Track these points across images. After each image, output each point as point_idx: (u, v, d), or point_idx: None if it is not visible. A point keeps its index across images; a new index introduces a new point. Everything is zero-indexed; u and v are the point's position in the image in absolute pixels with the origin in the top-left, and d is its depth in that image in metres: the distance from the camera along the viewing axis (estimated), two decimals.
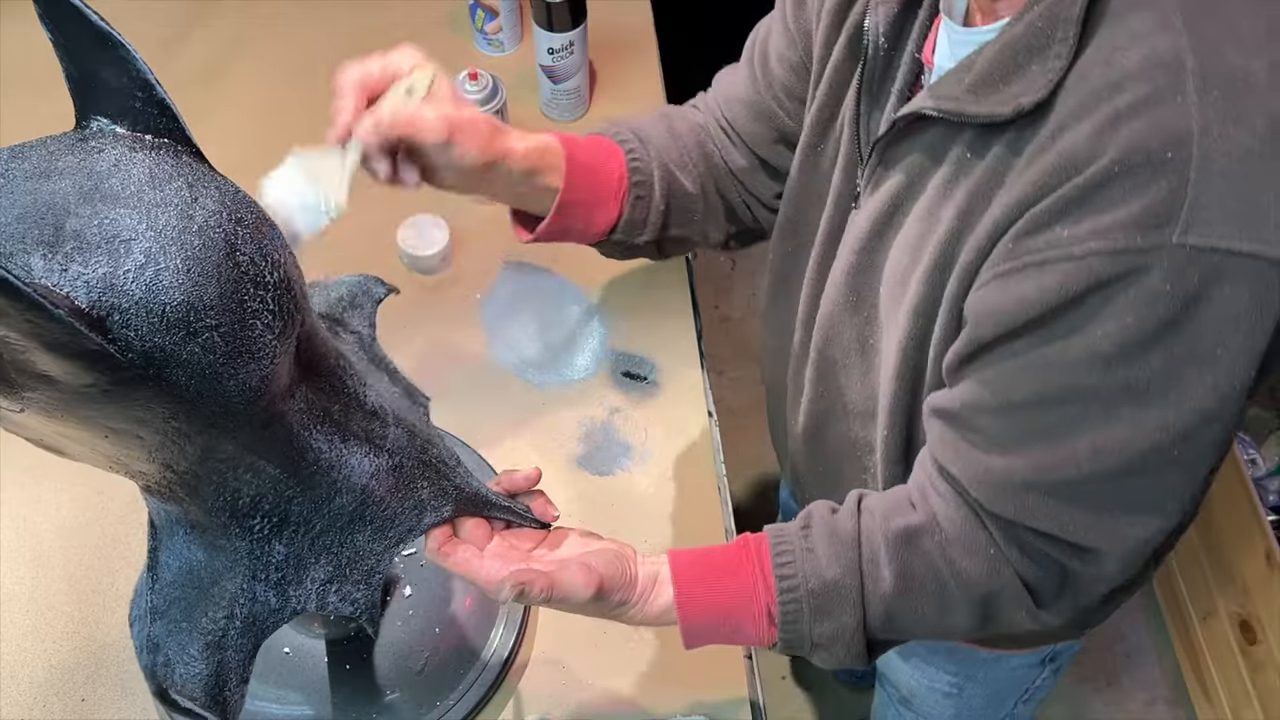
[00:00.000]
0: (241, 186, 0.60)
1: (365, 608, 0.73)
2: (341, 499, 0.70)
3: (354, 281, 0.83)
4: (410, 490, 0.73)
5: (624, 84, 1.38)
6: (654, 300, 1.19)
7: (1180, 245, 0.55)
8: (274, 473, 0.65)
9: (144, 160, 0.55)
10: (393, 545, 0.73)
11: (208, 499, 0.65)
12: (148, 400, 0.54)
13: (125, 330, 0.51)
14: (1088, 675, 1.87)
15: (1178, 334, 0.57)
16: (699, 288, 1.23)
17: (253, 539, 0.68)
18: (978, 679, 1.04)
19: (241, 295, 0.55)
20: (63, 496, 1.03)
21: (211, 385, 0.55)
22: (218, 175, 0.59)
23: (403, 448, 0.73)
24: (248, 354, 0.56)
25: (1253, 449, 1.72)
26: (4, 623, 0.95)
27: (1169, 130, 0.55)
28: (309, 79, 1.39)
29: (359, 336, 0.80)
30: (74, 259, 0.50)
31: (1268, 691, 1.61)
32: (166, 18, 1.44)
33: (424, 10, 1.46)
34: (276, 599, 0.70)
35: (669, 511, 1.04)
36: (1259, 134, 0.55)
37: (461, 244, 1.22)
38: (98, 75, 0.57)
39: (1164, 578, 1.91)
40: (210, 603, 0.69)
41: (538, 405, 1.10)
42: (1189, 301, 0.56)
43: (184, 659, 0.68)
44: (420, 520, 0.74)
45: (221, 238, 0.54)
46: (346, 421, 0.69)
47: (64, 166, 0.53)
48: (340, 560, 0.72)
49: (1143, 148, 0.55)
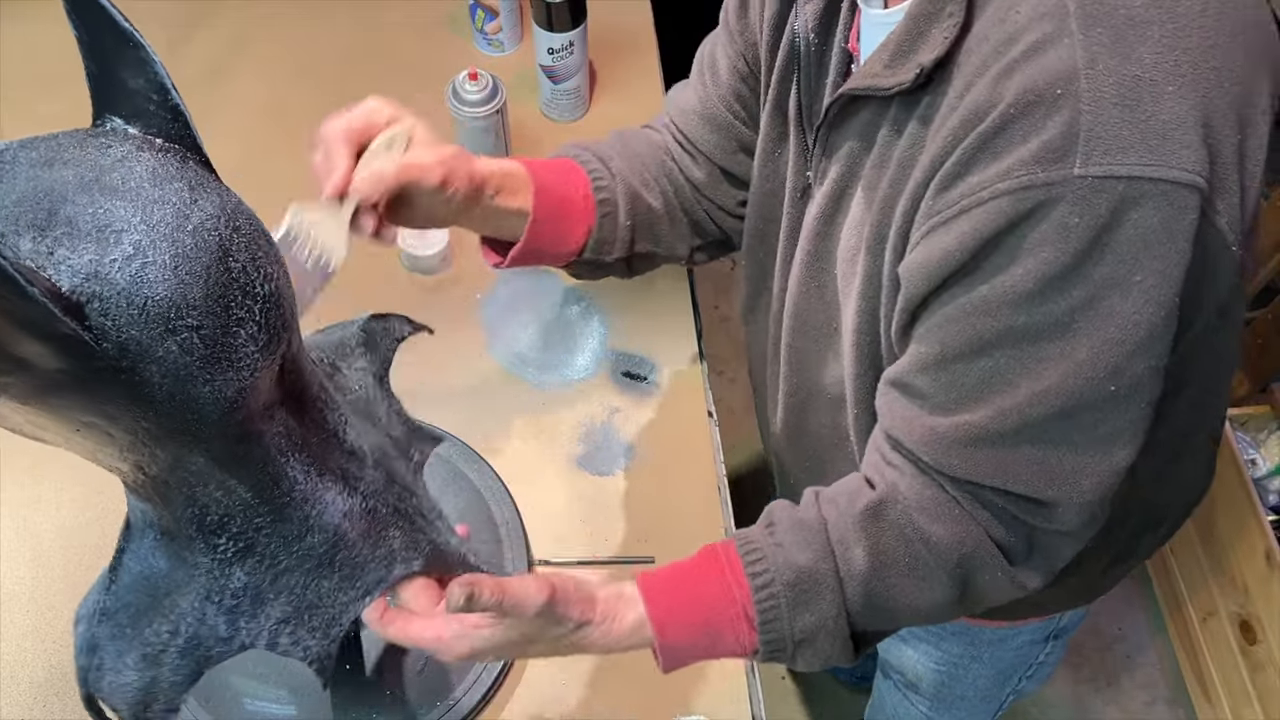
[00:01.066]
0: (243, 187, 0.60)
1: (317, 657, 0.70)
2: (313, 537, 0.67)
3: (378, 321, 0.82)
4: (382, 537, 0.71)
5: (624, 84, 1.38)
6: (654, 300, 1.19)
7: (1082, 176, 0.57)
8: (245, 495, 0.64)
9: (149, 159, 0.55)
10: (359, 597, 0.71)
11: (177, 508, 0.64)
12: (119, 395, 0.53)
13: (103, 319, 0.50)
14: (1088, 675, 1.87)
15: (1093, 263, 0.58)
16: (699, 288, 1.23)
17: (215, 558, 0.66)
18: (983, 658, 1.04)
19: (228, 301, 0.54)
20: (63, 496, 1.03)
21: (185, 387, 0.54)
22: (221, 184, 0.59)
23: (378, 491, 0.71)
24: (226, 361, 0.55)
25: (1253, 449, 1.72)
26: (4, 623, 0.95)
27: (1057, 69, 0.57)
28: (310, 79, 1.40)
29: (363, 374, 0.79)
30: (62, 243, 0.50)
31: (1268, 691, 1.61)
32: (168, 18, 1.44)
33: (424, 10, 1.47)
34: (226, 627, 0.68)
35: (669, 511, 1.04)
36: (1146, 63, 0.57)
37: (461, 244, 1.22)
38: (117, 75, 0.57)
39: (1164, 578, 1.91)
40: (159, 614, 0.67)
41: (538, 405, 1.11)
42: (1100, 230, 0.57)
43: (118, 666, 0.67)
44: (390, 572, 0.71)
45: (215, 241, 0.54)
46: (324, 456, 0.68)
47: (70, 158, 0.53)
48: (301, 603, 0.69)
49: (1033, 89, 0.57)
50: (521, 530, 1.00)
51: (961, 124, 0.61)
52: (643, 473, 1.07)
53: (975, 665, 1.06)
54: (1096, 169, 0.56)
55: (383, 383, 0.80)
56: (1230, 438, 1.70)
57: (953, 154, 0.61)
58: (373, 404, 0.78)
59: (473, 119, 1.21)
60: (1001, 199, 0.59)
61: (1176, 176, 0.56)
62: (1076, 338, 0.61)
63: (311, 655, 0.70)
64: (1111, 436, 0.65)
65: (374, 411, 0.78)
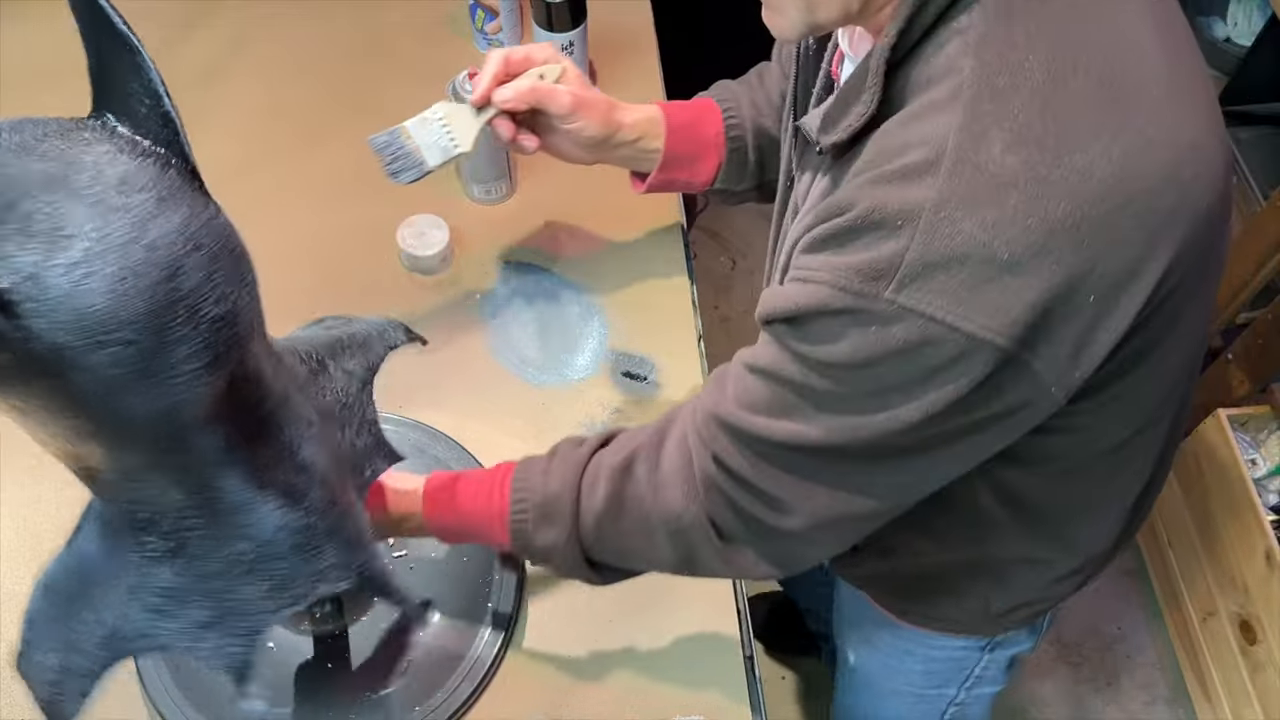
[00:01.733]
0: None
1: (238, 664, 0.71)
2: (244, 544, 0.67)
3: (376, 324, 0.83)
4: (316, 554, 0.71)
5: (624, 84, 1.37)
6: (654, 300, 1.19)
7: (889, 300, 0.60)
8: (177, 497, 0.63)
9: (125, 164, 0.54)
10: (284, 607, 0.71)
11: (109, 499, 0.64)
12: (48, 392, 0.53)
13: (37, 319, 0.50)
14: (1088, 675, 1.87)
15: (879, 368, 0.63)
16: (699, 288, 1.23)
17: (143, 555, 0.66)
18: (915, 654, 1.07)
19: (169, 320, 0.53)
20: (63, 496, 1.03)
21: (115, 396, 0.54)
22: (200, 196, 0.58)
23: (319, 510, 0.71)
24: (162, 376, 0.54)
25: (1253, 449, 1.72)
26: (4, 623, 0.95)
27: (909, 201, 0.59)
28: (309, 79, 1.40)
29: (349, 376, 0.79)
30: (10, 239, 0.50)
31: (1268, 691, 1.61)
32: (166, 18, 1.44)
33: (424, 10, 1.47)
34: (146, 624, 0.68)
35: None
36: (988, 224, 0.58)
37: (461, 244, 1.22)
38: (113, 74, 0.57)
39: (1164, 578, 1.92)
40: (86, 602, 0.67)
41: (538, 405, 1.10)
42: (892, 350, 0.61)
43: (42, 646, 0.67)
44: (315, 588, 0.72)
45: (167, 258, 0.53)
46: (269, 468, 0.67)
47: (48, 149, 0.53)
48: (223, 609, 0.69)
49: (883, 209, 0.60)
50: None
51: (832, 205, 0.65)
52: None
53: (908, 660, 1.08)
54: (905, 299, 0.59)
55: (365, 388, 0.80)
56: (1230, 438, 1.70)
57: (817, 228, 0.65)
58: (349, 408, 0.78)
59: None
60: (827, 288, 0.63)
61: (976, 333, 0.59)
62: (837, 413, 0.67)
63: (232, 661, 0.71)
64: (855, 490, 0.72)
65: (349, 417, 0.78)
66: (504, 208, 1.27)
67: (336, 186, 1.27)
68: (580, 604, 0.98)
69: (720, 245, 2.33)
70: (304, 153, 1.31)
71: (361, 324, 0.82)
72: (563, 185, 1.25)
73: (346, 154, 1.31)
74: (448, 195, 1.26)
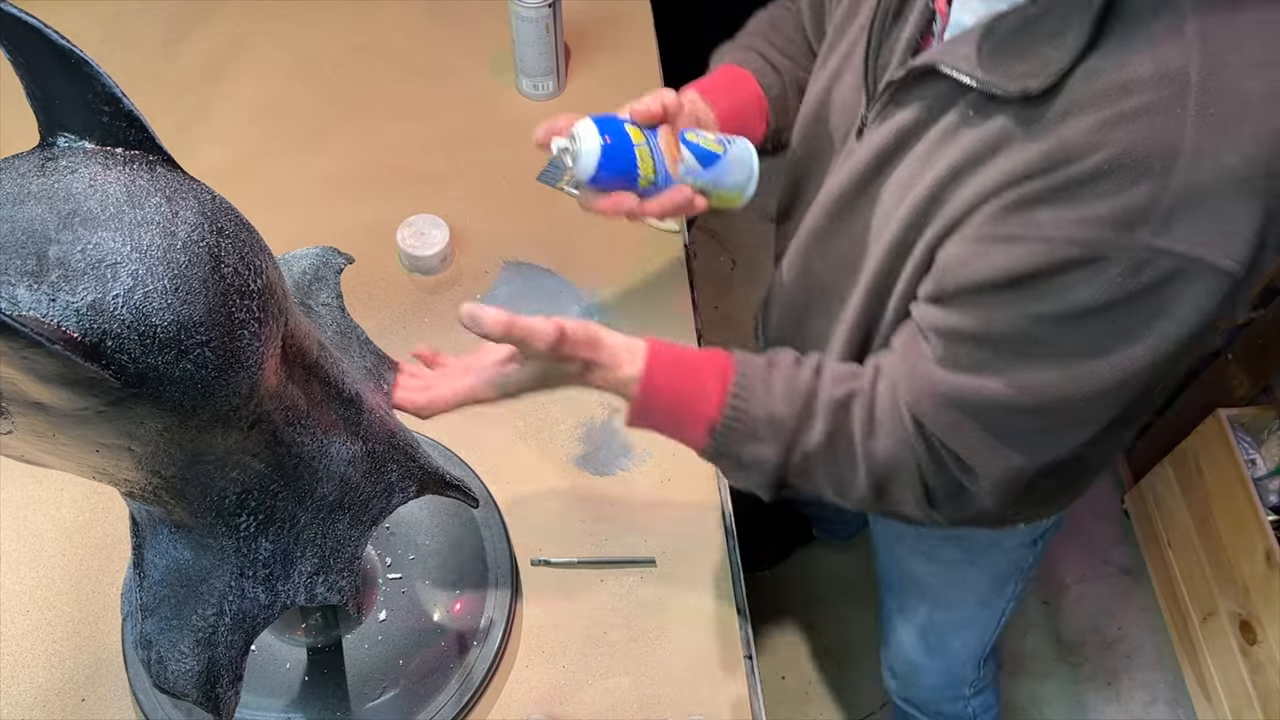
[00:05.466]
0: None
1: (350, 594, 0.75)
2: (324, 488, 0.70)
3: (314, 254, 0.83)
4: (382, 473, 0.75)
5: (624, 83, 1.38)
6: (654, 300, 1.19)
7: (1145, 245, 0.60)
8: (260, 469, 0.65)
9: (119, 177, 0.54)
10: (367, 529, 0.75)
11: (194, 500, 0.65)
12: (141, 417, 0.54)
13: (119, 354, 0.51)
14: (1088, 675, 1.87)
15: (1118, 314, 0.63)
16: (699, 288, 1.23)
17: (239, 537, 0.68)
18: (979, 563, 1.10)
19: (229, 307, 0.55)
20: (63, 496, 1.03)
21: (205, 397, 0.55)
22: (194, 183, 0.58)
23: (375, 433, 0.74)
24: (238, 364, 0.56)
25: (1253, 449, 1.72)
26: (4, 623, 0.95)
27: (1163, 141, 0.58)
28: (309, 79, 1.40)
29: (329, 308, 0.80)
30: (61, 288, 0.50)
31: (1268, 691, 1.61)
32: (166, 18, 1.44)
33: (423, 11, 1.47)
34: (266, 595, 0.70)
35: (669, 511, 1.04)
36: (1244, 154, 0.58)
37: (461, 244, 1.22)
38: (62, 92, 0.56)
39: (1164, 578, 1.91)
40: (199, 600, 0.69)
41: (538, 405, 1.10)
42: (1138, 292, 0.61)
43: (175, 655, 0.68)
44: (389, 501, 0.76)
45: (206, 251, 0.54)
46: (328, 411, 0.70)
47: (37, 190, 0.52)
48: (324, 551, 0.73)
49: (1134, 152, 0.59)
50: (503, 530, 1.00)
51: (1052, 155, 0.62)
52: (643, 473, 1.07)
53: (972, 570, 1.11)
54: (1160, 241, 0.59)
55: (344, 313, 0.81)
56: (1230, 438, 1.70)
57: (1034, 179, 0.63)
58: (345, 335, 0.80)
59: (524, 10, 1.25)
60: (1068, 244, 0.62)
61: (1219, 262, 0.60)
62: (1072, 362, 0.66)
63: (346, 594, 0.74)
64: (1050, 443, 0.73)
65: (350, 343, 0.80)
66: (501, 209, 1.27)
67: (336, 186, 1.27)
68: (580, 604, 0.98)
69: (720, 245, 2.33)
70: (304, 153, 1.31)
71: (298, 260, 0.82)
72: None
73: (346, 154, 1.31)
74: (447, 195, 1.27)
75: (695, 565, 1.01)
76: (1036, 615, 1.94)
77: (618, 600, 0.98)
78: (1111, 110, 0.60)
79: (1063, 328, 0.65)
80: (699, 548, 1.02)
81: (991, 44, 0.66)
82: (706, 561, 1.01)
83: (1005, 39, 0.65)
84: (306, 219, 1.24)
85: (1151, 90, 0.59)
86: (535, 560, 1.00)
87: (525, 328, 0.74)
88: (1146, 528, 1.98)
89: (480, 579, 0.97)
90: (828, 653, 1.86)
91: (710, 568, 1.01)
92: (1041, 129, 0.63)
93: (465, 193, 1.27)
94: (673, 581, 1.00)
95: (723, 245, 2.33)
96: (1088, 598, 1.96)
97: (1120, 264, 0.61)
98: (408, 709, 0.90)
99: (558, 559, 1.01)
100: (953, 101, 0.71)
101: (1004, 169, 0.65)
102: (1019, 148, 0.65)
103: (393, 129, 1.34)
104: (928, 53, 0.72)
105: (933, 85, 0.72)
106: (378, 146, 1.32)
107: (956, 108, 0.70)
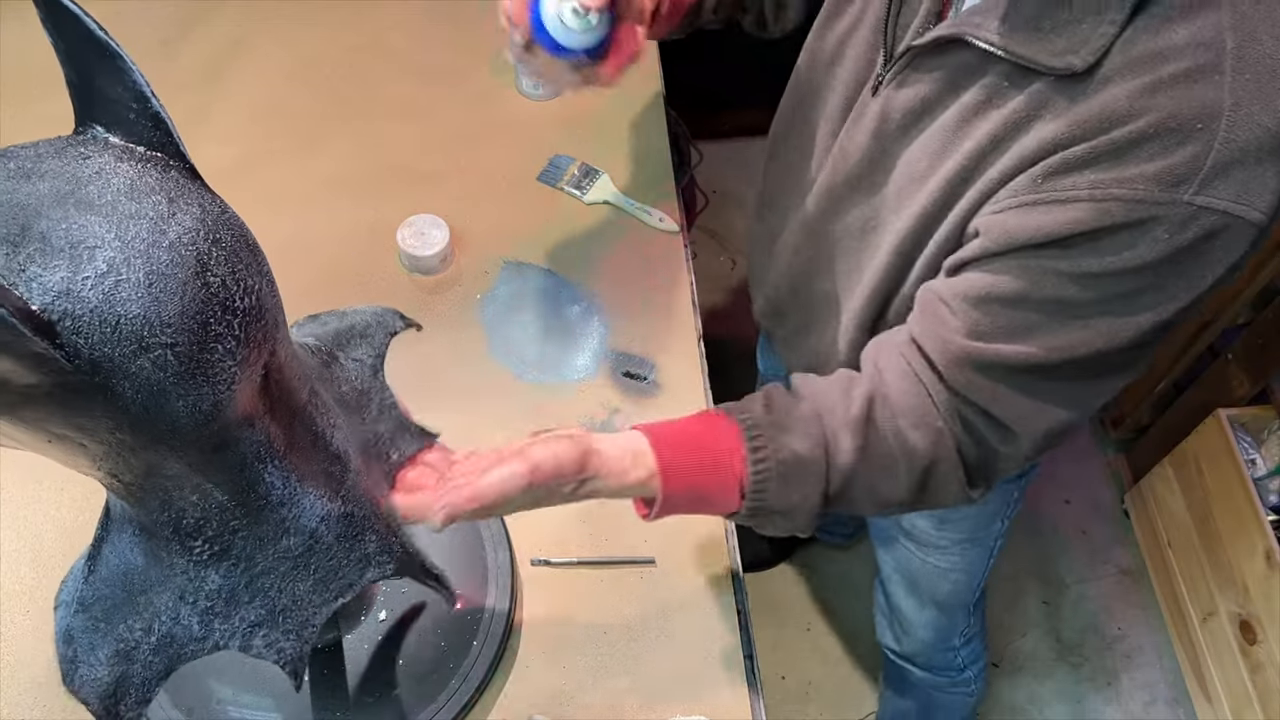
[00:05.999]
0: (240, 188, 0.60)
1: (291, 660, 0.70)
2: (289, 540, 0.67)
3: (374, 311, 0.82)
4: (358, 541, 0.71)
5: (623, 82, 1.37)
6: (654, 300, 1.19)
7: (1189, 203, 0.63)
8: (221, 499, 0.63)
9: (128, 171, 0.54)
10: (331, 600, 0.71)
11: (153, 511, 0.63)
12: (92, 410, 0.53)
13: (75, 337, 0.50)
14: (1088, 675, 1.87)
15: (1159, 270, 0.66)
16: (699, 288, 1.23)
17: (191, 560, 0.66)
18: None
19: (206, 317, 0.54)
20: (63, 496, 1.03)
21: (159, 402, 0.54)
22: (206, 192, 0.58)
23: (358, 496, 0.71)
24: (202, 377, 0.54)
25: (1253, 449, 1.72)
26: (4, 623, 0.95)
27: (1204, 103, 0.62)
28: (309, 79, 1.40)
29: (360, 365, 0.78)
30: (34, 260, 0.49)
31: (1268, 691, 1.61)
32: (166, 18, 1.44)
33: (423, 10, 1.47)
34: (200, 628, 0.68)
35: None
36: (1278, 116, 0.62)
37: (461, 244, 1.22)
38: (96, 83, 0.56)
39: (1164, 578, 1.91)
40: (134, 611, 0.67)
41: (538, 405, 1.10)
42: (1179, 249, 0.65)
43: (90, 660, 0.67)
44: (363, 575, 0.72)
45: (193, 256, 0.53)
46: (307, 460, 0.67)
47: (47, 169, 0.53)
48: (275, 605, 0.69)
49: (1177, 115, 0.62)
50: (504, 530, 1.00)
51: (1095, 120, 0.65)
52: None
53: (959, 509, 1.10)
54: (1201, 199, 0.63)
55: (377, 374, 0.80)
56: (1230, 438, 1.70)
57: (1077, 145, 0.66)
58: (366, 395, 0.78)
59: None
60: (1112, 203, 0.65)
61: (1252, 216, 0.63)
62: (1110, 315, 0.69)
63: (285, 657, 0.70)
64: (1088, 396, 0.75)
65: (366, 404, 0.78)
66: (501, 209, 1.27)
67: (336, 186, 1.27)
68: (580, 605, 0.98)
69: (720, 245, 2.33)
70: (304, 153, 1.31)
71: (357, 314, 0.82)
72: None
73: (346, 154, 1.31)
74: (447, 195, 1.26)
75: (695, 565, 1.01)
76: (1036, 615, 1.94)
77: (618, 600, 0.98)
78: (1151, 77, 0.63)
79: (1108, 284, 0.67)
80: (699, 548, 1.02)
81: (1024, 16, 0.68)
82: (706, 561, 1.01)
83: (1040, 12, 0.67)
84: (306, 219, 1.24)
85: (1189, 57, 0.62)
86: (535, 560, 1.00)
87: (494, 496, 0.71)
88: (1146, 528, 1.98)
89: (480, 579, 0.97)
90: (828, 653, 1.86)
91: (710, 568, 1.01)
92: (1082, 94, 0.66)
93: (465, 193, 1.27)
94: (673, 581, 1.00)
95: (723, 245, 2.33)
96: (1088, 598, 1.96)
97: (1166, 222, 0.63)
98: (408, 709, 0.90)
99: (558, 559, 1.01)
100: (980, 70, 0.72)
101: (1043, 136, 0.67)
102: (1059, 116, 0.67)
103: (392, 129, 1.34)
104: (956, 23, 0.72)
105: (956, 54, 0.73)
106: (378, 146, 1.32)
107: (987, 78, 0.72)
